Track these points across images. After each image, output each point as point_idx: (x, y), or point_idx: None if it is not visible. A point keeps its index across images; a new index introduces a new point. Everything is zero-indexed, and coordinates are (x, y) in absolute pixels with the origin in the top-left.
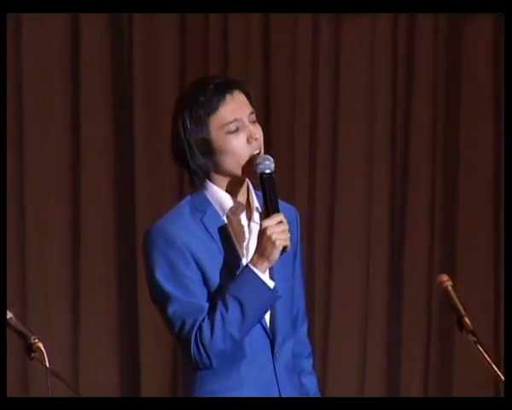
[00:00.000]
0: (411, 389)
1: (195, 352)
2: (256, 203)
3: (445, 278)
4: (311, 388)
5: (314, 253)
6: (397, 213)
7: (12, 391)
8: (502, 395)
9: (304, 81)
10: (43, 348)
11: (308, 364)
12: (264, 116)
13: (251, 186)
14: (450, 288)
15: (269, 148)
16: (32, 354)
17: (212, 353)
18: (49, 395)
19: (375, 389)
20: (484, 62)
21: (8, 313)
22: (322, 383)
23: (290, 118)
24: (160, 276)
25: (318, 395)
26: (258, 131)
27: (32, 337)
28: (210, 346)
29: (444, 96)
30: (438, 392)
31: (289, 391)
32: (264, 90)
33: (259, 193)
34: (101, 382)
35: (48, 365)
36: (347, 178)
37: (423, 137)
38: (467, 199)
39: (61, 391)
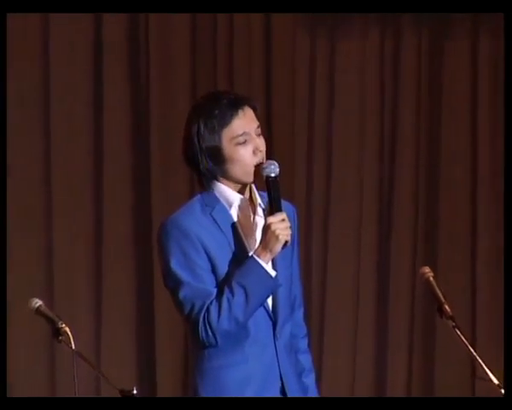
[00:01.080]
0: (397, 367)
1: (203, 332)
2: (259, 200)
3: (427, 269)
4: (306, 364)
5: (311, 244)
6: (384, 210)
7: (41, 373)
8: (477, 374)
9: (302, 86)
10: (69, 332)
11: (304, 343)
12: (265, 118)
13: (253, 185)
14: (431, 278)
15: (270, 146)
16: (60, 338)
17: (217, 333)
18: (75, 375)
19: (364, 367)
20: (462, 76)
21: (37, 300)
22: (318, 360)
23: (290, 119)
24: (174, 263)
25: (312, 372)
26: (262, 144)
27: (60, 322)
28: (216, 327)
29: (427, 103)
30: (420, 372)
31: (287, 367)
32: (265, 93)
33: (262, 193)
34: (120, 361)
35: (73, 347)
36: (341, 177)
37: (408, 142)
38: (447, 199)
39: (85, 370)
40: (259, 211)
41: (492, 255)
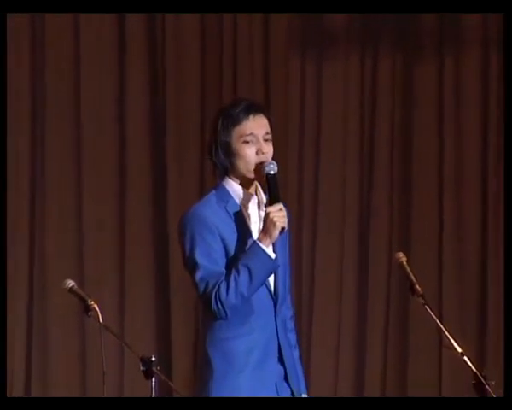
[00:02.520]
0: (375, 344)
1: (215, 306)
2: (263, 196)
3: (401, 254)
4: (292, 341)
5: (301, 239)
6: (364, 204)
7: (74, 344)
8: (443, 343)
9: (294, 97)
10: (97, 308)
11: (291, 324)
12: None
13: (258, 185)
14: (404, 262)
15: None
16: (90, 313)
17: (226, 307)
18: (102, 345)
19: (347, 339)
20: (430, 92)
21: (70, 281)
22: (307, 337)
23: (284, 123)
24: (193, 249)
25: (297, 349)
26: (268, 149)
27: (89, 300)
28: (225, 301)
29: (400, 115)
30: (396, 343)
31: (284, 341)
32: (265, 97)
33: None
34: (140, 333)
35: (101, 321)
36: (327, 180)
37: (384, 146)
38: (419, 196)
39: (111, 340)
40: (263, 207)
41: (455, 246)
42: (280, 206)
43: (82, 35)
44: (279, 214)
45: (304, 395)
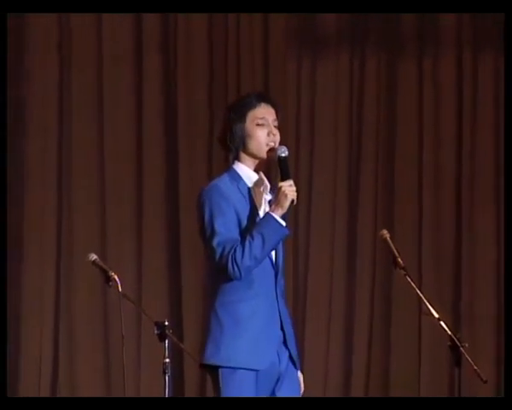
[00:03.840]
0: (362, 315)
1: (231, 267)
2: (267, 183)
3: (385, 231)
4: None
5: (297, 228)
6: (353, 191)
7: (97, 310)
8: (423, 310)
9: (291, 94)
10: (117, 279)
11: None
12: None
13: (261, 173)
14: (388, 238)
15: None
16: (110, 283)
17: (242, 268)
18: (121, 311)
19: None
20: (411, 89)
21: (93, 255)
22: (301, 313)
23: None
24: (211, 218)
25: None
26: (276, 131)
27: (110, 271)
28: (241, 263)
29: (385, 112)
30: (381, 312)
31: (283, 309)
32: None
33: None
34: (155, 300)
35: (120, 290)
36: (320, 173)
37: (370, 141)
38: (402, 184)
39: (129, 307)
40: (267, 191)
41: (434, 237)
42: (291, 182)
43: (103, 35)
44: (290, 189)
45: (299, 374)
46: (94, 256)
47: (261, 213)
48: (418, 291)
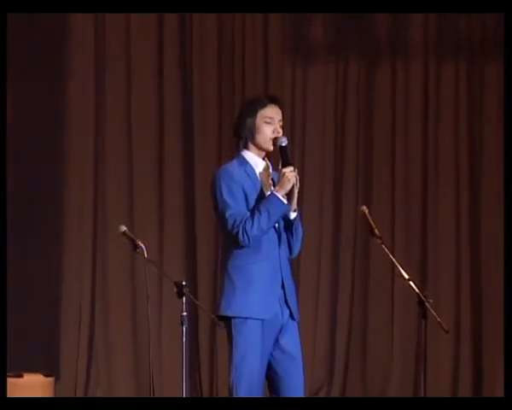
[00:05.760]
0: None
1: (241, 236)
2: (271, 171)
3: (364, 207)
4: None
5: None
6: (338, 191)
7: (125, 272)
8: (395, 273)
9: (286, 94)
10: (143, 246)
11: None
12: None
13: (268, 162)
14: (367, 212)
15: None
16: (137, 250)
17: (251, 237)
18: (146, 274)
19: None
20: (388, 95)
21: (123, 227)
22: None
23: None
24: (224, 195)
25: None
26: (280, 130)
27: (137, 240)
28: (250, 232)
29: (364, 104)
30: (360, 275)
31: (285, 268)
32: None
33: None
34: (175, 263)
35: (146, 255)
36: (311, 156)
37: (352, 133)
38: (378, 164)
39: (153, 270)
40: (270, 174)
41: (406, 214)
42: (292, 168)
43: (132, 36)
44: (291, 174)
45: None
46: (124, 228)
47: (266, 193)
48: (391, 257)
